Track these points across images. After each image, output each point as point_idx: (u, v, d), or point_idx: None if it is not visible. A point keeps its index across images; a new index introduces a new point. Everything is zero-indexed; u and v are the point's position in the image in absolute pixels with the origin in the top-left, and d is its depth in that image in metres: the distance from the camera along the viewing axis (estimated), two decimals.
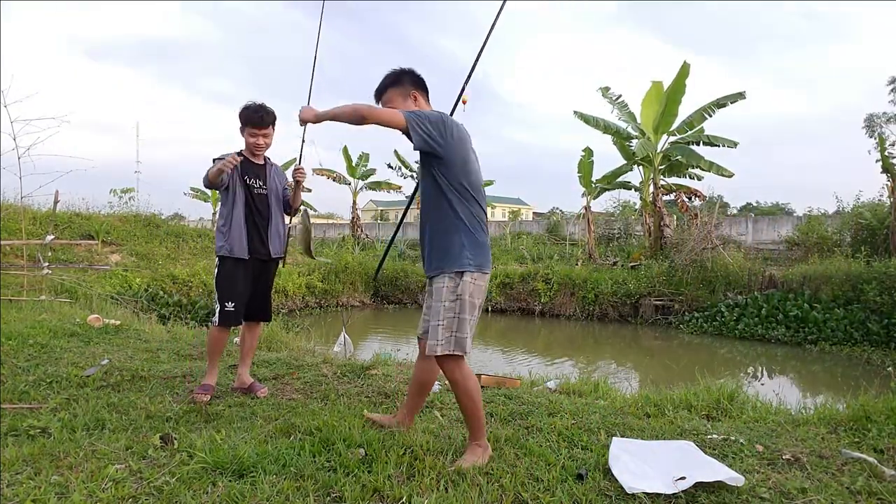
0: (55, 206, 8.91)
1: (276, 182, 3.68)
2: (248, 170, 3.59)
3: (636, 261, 14.79)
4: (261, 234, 3.59)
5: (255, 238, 3.57)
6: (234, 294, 3.51)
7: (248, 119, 3.52)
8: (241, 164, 3.55)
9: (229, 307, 3.49)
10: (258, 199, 3.59)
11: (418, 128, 2.42)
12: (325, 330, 10.72)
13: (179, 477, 2.19)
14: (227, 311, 3.49)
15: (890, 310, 9.54)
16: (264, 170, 3.65)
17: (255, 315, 3.73)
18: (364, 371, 4.25)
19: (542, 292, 13.54)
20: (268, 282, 3.75)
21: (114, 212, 15.06)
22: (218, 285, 3.53)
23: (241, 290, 3.54)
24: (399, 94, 2.69)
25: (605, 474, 2.36)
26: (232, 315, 3.51)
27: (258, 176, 3.61)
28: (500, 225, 25.79)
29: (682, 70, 13.47)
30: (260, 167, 3.64)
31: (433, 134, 2.45)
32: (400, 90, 2.70)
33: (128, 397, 3.43)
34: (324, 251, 17.12)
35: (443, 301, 2.48)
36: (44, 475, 2.19)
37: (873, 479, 2.37)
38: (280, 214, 3.73)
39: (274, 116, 3.59)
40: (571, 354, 9.89)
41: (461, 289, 2.48)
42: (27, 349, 4.58)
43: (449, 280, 2.49)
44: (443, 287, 2.49)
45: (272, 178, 3.67)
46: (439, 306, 2.48)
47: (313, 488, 2.14)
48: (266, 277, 3.72)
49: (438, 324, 2.46)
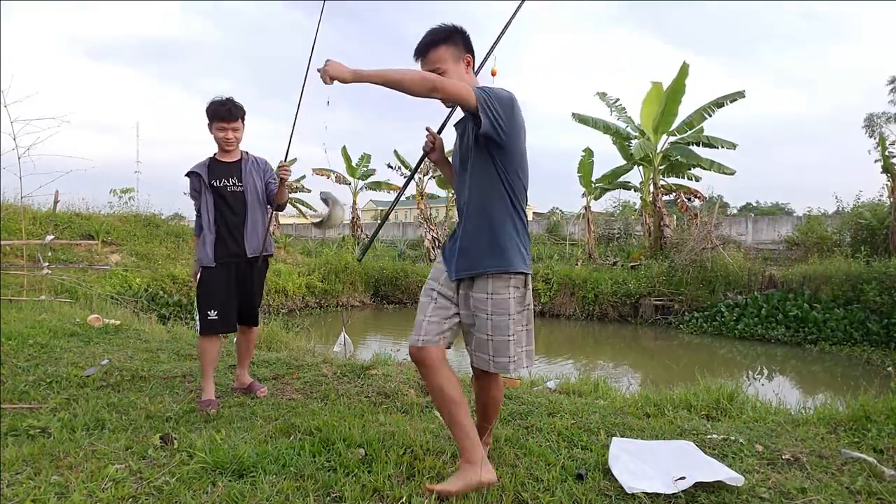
0: (55, 205, 8.91)
1: (254, 177, 3.51)
2: (216, 171, 3.45)
3: (636, 261, 14.79)
4: (234, 234, 3.44)
5: (227, 240, 3.42)
6: (213, 302, 3.38)
7: (215, 113, 3.37)
8: (208, 168, 3.43)
9: (211, 315, 3.38)
10: (231, 198, 3.43)
11: (489, 110, 2.05)
12: (325, 330, 10.72)
13: (179, 477, 2.19)
14: (210, 320, 3.38)
15: (890, 310, 9.54)
16: (238, 166, 3.49)
17: (240, 321, 3.60)
18: (364, 371, 4.25)
19: (541, 292, 13.54)
20: (253, 284, 3.57)
21: (114, 212, 15.05)
22: (197, 294, 3.43)
23: (222, 297, 3.41)
24: (452, 57, 2.20)
25: (604, 474, 2.36)
26: (215, 323, 3.39)
27: (230, 175, 3.45)
28: None
29: (681, 70, 13.49)
30: (232, 165, 3.48)
31: (502, 119, 2.07)
32: (453, 51, 2.22)
33: (128, 397, 3.43)
34: (324, 251, 17.11)
35: (510, 314, 2.16)
36: (44, 475, 2.19)
37: (873, 479, 2.37)
38: (261, 211, 3.53)
39: (243, 110, 3.45)
40: (571, 354, 9.89)
41: (528, 297, 2.23)
42: (27, 349, 4.58)
43: (514, 289, 2.17)
44: (508, 298, 2.15)
45: (249, 173, 3.49)
46: (506, 320, 2.15)
47: (313, 488, 2.14)
48: (252, 279, 3.55)
49: (509, 339, 2.16)
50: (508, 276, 2.17)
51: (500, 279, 2.16)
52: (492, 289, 2.16)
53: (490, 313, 2.16)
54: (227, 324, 3.47)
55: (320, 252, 17.03)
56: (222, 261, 3.43)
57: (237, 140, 3.47)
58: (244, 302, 3.55)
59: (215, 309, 3.39)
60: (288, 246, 17.47)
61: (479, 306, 2.18)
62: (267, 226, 3.58)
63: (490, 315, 2.16)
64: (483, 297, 2.17)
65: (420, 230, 21.12)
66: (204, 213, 3.42)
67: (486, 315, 2.17)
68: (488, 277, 2.16)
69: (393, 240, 25.72)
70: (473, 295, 2.20)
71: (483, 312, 2.17)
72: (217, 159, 3.50)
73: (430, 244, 19.16)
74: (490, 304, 2.16)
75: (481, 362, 2.25)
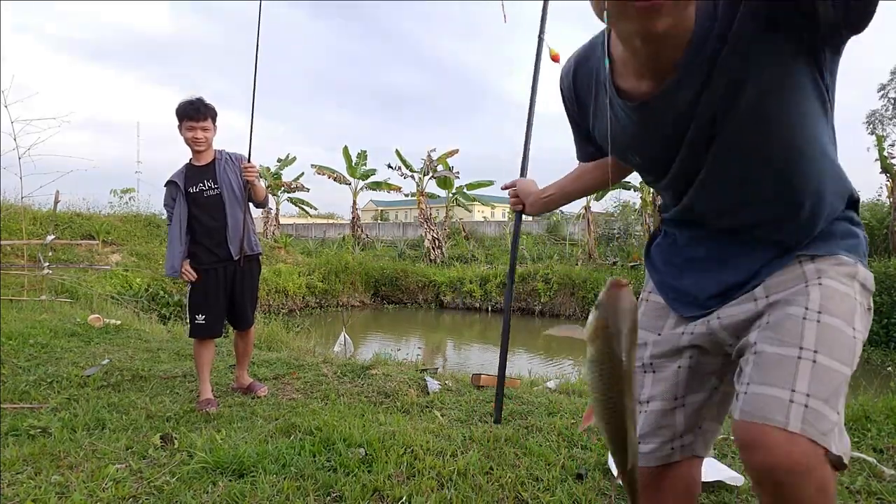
0: (55, 206, 8.92)
1: (229, 176, 3.43)
2: (192, 177, 3.40)
3: (636, 261, 14.80)
4: (217, 239, 3.40)
5: (211, 246, 3.39)
6: (201, 306, 3.39)
7: (183, 112, 3.30)
8: (185, 176, 3.40)
9: (199, 320, 3.39)
10: (208, 203, 3.39)
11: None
12: (325, 330, 10.72)
13: (180, 477, 2.20)
14: (198, 325, 3.40)
15: (889, 310, 9.53)
16: (212, 168, 3.42)
17: (233, 325, 3.60)
18: (364, 371, 4.25)
19: (541, 292, 13.55)
20: (244, 287, 3.52)
21: (114, 212, 15.09)
22: (188, 298, 3.46)
23: (210, 301, 3.41)
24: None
25: (604, 474, 2.36)
26: (203, 328, 3.40)
27: (204, 178, 3.40)
28: (499, 225, 25.79)
29: None
30: (206, 167, 3.42)
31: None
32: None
33: (128, 397, 3.43)
34: (324, 251, 17.12)
35: (844, 345, 1.07)
36: (44, 475, 2.20)
37: (873, 479, 2.37)
38: (240, 209, 3.46)
39: (213, 111, 3.37)
40: (571, 354, 9.89)
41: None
42: (28, 349, 4.58)
43: (861, 295, 1.23)
44: (852, 311, 1.15)
45: (224, 172, 3.42)
46: (841, 353, 1.05)
47: (313, 488, 2.14)
48: (242, 281, 3.50)
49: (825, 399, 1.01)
50: (855, 265, 1.25)
51: (831, 273, 1.16)
52: (825, 285, 1.14)
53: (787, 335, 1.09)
54: (213, 330, 3.46)
55: (320, 252, 17.05)
56: (210, 267, 3.42)
57: (207, 140, 3.39)
58: (235, 305, 3.53)
59: (203, 313, 3.40)
60: (288, 246, 17.48)
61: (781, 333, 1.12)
62: (249, 224, 3.50)
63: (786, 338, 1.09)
64: (793, 310, 1.11)
65: (420, 230, 21.11)
66: (176, 222, 3.38)
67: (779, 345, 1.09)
68: (837, 271, 1.17)
69: (393, 240, 25.72)
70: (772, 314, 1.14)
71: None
72: (192, 164, 3.45)
73: (431, 244, 19.15)
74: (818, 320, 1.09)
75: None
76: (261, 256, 3.67)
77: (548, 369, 7.82)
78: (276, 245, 17.17)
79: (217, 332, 3.51)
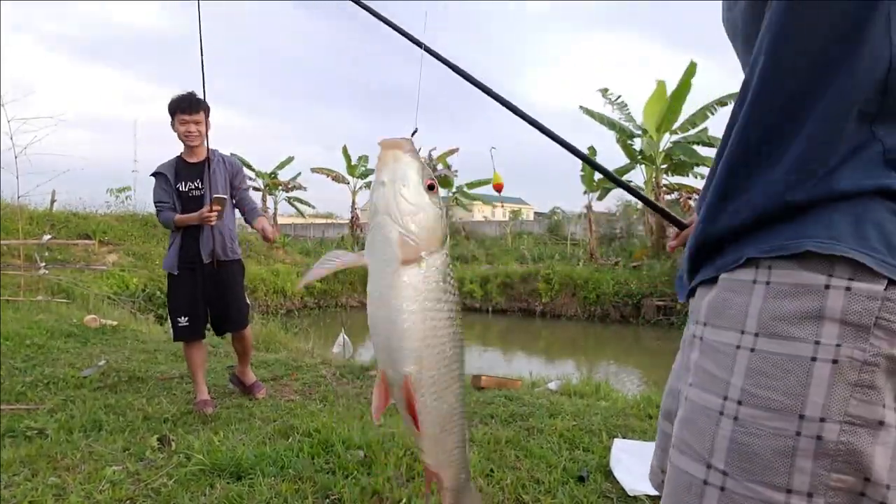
0: (52, 205, 8.90)
1: (218, 179, 3.36)
2: (181, 173, 3.35)
3: (638, 261, 14.78)
4: (195, 238, 3.32)
5: (189, 245, 3.32)
6: (180, 308, 3.33)
7: (176, 106, 3.25)
8: (175, 170, 3.35)
9: (182, 322, 3.33)
10: (191, 203, 3.31)
11: None
12: (323, 331, 10.70)
13: (177, 479, 2.18)
14: (181, 327, 3.34)
15: None
16: (202, 167, 3.33)
17: (221, 327, 3.52)
18: (363, 372, 4.23)
19: (543, 292, 13.54)
20: (225, 289, 3.40)
21: (111, 211, 15.06)
22: (168, 302, 3.43)
23: (189, 303, 3.34)
24: None
25: (606, 476, 2.34)
26: (186, 330, 3.33)
27: (193, 177, 3.34)
28: (500, 225, 25.79)
29: (688, 69, 13.50)
30: (195, 166, 3.35)
31: None
32: None
33: (125, 398, 3.41)
34: (322, 251, 17.10)
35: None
36: (41, 476, 2.18)
37: None
38: (223, 214, 3.33)
39: (206, 105, 3.31)
40: (573, 355, 9.88)
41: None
42: (24, 350, 4.56)
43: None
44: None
45: (214, 173, 3.33)
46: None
47: (312, 490, 2.12)
48: (223, 284, 3.39)
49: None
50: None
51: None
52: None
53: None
54: (196, 331, 3.38)
55: (319, 252, 17.02)
56: (186, 266, 3.36)
57: (200, 134, 3.31)
58: (217, 308, 3.44)
59: (185, 315, 3.34)
60: (287, 246, 17.46)
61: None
62: (228, 229, 3.42)
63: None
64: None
65: None
66: (169, 210, 3.33)
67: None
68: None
69: None
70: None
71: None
72: (183, 159, 3.40)
73: None
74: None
75: None
76: (241, 260, 3.54)
77: (549, 370, 7.80)
78: (276, 245, 17.15)
79: (200, 333, 3.44)
